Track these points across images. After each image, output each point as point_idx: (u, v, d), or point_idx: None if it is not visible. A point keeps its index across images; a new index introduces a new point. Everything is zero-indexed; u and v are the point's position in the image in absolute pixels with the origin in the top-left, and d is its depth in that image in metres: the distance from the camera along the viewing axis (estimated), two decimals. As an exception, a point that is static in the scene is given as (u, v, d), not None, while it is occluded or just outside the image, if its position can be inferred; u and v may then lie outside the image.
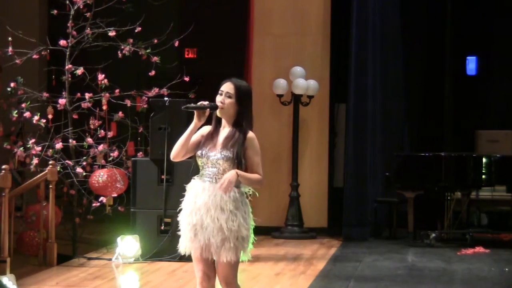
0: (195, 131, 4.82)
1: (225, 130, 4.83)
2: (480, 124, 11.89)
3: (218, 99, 4.79)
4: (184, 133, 4.82)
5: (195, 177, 4.86)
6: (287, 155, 11.24)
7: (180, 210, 4.87)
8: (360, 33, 10.88)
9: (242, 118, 4.80)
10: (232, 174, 4.66)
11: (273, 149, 11.16)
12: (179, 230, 4.87)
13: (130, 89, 9.28)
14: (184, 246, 4.84)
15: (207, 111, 4.79)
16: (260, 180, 4.77)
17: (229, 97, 4.79)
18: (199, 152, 4.80)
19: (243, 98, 4.81)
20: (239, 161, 4.73)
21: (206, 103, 4.79)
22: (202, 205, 4.75)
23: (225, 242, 4.70)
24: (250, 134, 4.79)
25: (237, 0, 12.29)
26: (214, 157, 4.76)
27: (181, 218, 4.85)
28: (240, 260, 4.77)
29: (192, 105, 4.83)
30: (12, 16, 11.43)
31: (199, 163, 4.82)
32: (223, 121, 4.85)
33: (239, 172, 4.69)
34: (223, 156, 4.74)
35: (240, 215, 4.73)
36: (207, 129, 4.88)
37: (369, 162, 10.88)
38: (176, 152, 4.83)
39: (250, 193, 4.85)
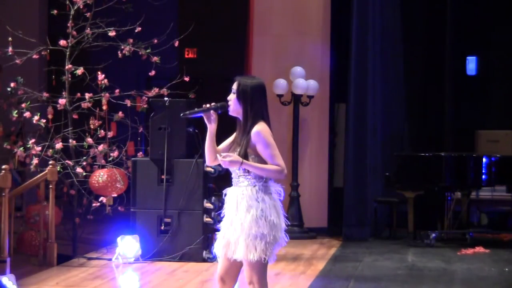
0: (213, 135, 4.80)
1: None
2: (480, 124, 11.89)
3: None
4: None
5: None
6: (287, 155, 11.21)
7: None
8: (360, 33, 10.86)
9: (246, 114, 4.75)
10: (237, 158, 4.66)
11: (273, 149, 11.13)
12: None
13: (130, 89, 9.27)
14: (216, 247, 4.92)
15: (212, 113, 4.76)
16: (278, 170, 4.69)
17: (234, 93, 4.79)
18: None
19: (244, 92, 4.78)
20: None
21: (208, 105, 4.78)
22: (228, 208, 4.80)
23: (239, 240, 4.71)
24: (255, 129, 4.72)
25: (237, 0, 12.29)
26: None
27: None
28: (259, 259, 4.74)
29: (189, 111, 4.82)
30: (12, 16, 11.42)
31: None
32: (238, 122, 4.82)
33: (245, 161, 4.67)
34: None
35: (253, 213, 4.68)
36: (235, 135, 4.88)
37: (369, 162, 10.87)
38: (207, 159, 4.88)
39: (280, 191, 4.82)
